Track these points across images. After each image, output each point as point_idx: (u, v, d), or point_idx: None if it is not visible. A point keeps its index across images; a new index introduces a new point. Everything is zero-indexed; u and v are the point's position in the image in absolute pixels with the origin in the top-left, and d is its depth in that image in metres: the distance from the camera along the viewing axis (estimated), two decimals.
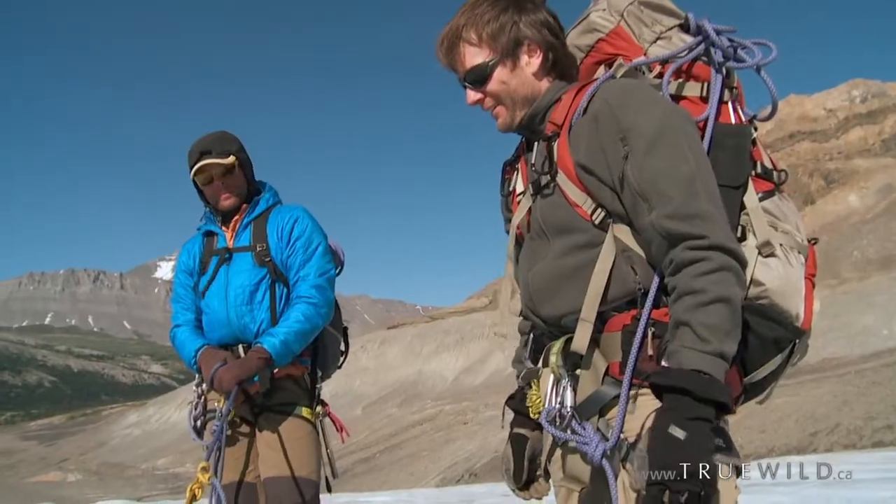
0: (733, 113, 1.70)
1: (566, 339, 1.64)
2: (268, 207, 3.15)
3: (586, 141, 1.59)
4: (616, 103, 1.56)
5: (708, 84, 1.70)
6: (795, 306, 1.58)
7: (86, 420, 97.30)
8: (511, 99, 1.73)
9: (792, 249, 1.63)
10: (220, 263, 3.09)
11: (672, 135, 1.52)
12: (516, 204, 1.84)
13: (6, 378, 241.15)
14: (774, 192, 1.69)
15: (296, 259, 3.05)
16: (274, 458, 2.95)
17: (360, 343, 60.88)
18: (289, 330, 2.92)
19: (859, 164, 51.93)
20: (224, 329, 3.03)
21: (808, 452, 9.76)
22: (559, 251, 1.65)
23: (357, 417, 41.55)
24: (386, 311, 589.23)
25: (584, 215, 1.59)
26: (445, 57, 1.78)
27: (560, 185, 1.65)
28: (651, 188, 1.49)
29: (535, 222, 1.73)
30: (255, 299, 3.01)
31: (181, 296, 3.21)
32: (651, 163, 1.49)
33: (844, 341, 19.76)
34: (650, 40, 1.77)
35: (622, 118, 1.54)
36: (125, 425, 78.42)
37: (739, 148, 1.65)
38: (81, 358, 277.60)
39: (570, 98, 1.68)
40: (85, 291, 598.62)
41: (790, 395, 13.65)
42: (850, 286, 28.40)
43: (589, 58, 1.84)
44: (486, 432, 21.73)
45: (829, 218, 41.48)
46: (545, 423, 1.60)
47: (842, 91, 60.28)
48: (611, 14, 1.79)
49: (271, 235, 3.07)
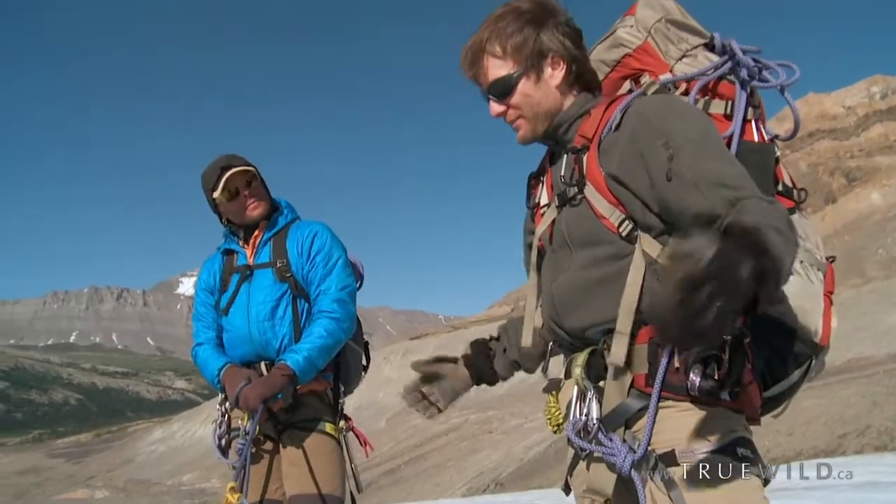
0: (756, 131, 1.72)
1: (590, 352, 1.64)
2: (287, 223, 3.17)
3: (620, 153, 1.59)
4: (654, 114, 1.57)
5: (732, 102, 1.71)
6: (814, 322, 1.61)
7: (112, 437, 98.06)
8: (534, 111, 1.74)
9: (812, 267, 1.65)
10: (241, 280, 3.10)
11: (716, 140, 1.54)
12: (539, 216, 1.84)
13: (33, 396, 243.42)
14: (795, 210, 1.71)
15: (316, 273, 3.06)
16: (299, 474, 2.95)
17: (383, 354, 60.95)
18: (312, 346, 2.92)
19: (881, 161, 51.27)
20: (246, 346, 3.04)
21: (838, 455, 9.62)
22: (584, 262, 1.65)
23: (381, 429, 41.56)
24: (408, 321, 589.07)
25: (611, 227, 1.60)
26: (469, 69, 1.80)
27: (588, 198, 1.65)
28: (710, 177, 1.45)
29: (558, 234, 1.74)
30: (276, 315, 3.02)
31: (202, 314, 3.22)
32: (703, 159, 1.48)
33: (871, 341, 19.48)
34: (676, 57, 1.79)
35: (663, 124, 1.54)
36: (150, 441, 78.82)
37: (763, 166, 1.67)
38: (106, 375, 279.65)
39: (600, 112, 1.69)
40: (108, 309, 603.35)
41: (817, 398, 13.48)
42: (876, 285, 28.03)
43: (615, 73, 1.87)
44: (511, 441, 21.67)
45: (851, 216, 40.98)
46: (571, 435, 1.61)
47: (861, 88, 59.58)
48: (638, 30, 1.82)
49: (291, 251, 3.08)
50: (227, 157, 3.08)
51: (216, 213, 3.16)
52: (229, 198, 3.06)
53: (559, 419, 1.79)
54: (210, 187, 3.05)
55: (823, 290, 1.68)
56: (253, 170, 3.07)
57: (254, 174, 3.07)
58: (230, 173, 3.01)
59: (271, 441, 3.06)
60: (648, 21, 1.82)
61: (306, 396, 3.03)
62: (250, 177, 3.07)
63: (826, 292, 1.69)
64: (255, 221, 3.12)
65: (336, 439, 3.06)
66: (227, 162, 3.05)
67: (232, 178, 3.01)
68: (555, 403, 1.80)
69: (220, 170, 3.03)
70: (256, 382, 2.89)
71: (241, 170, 3.03)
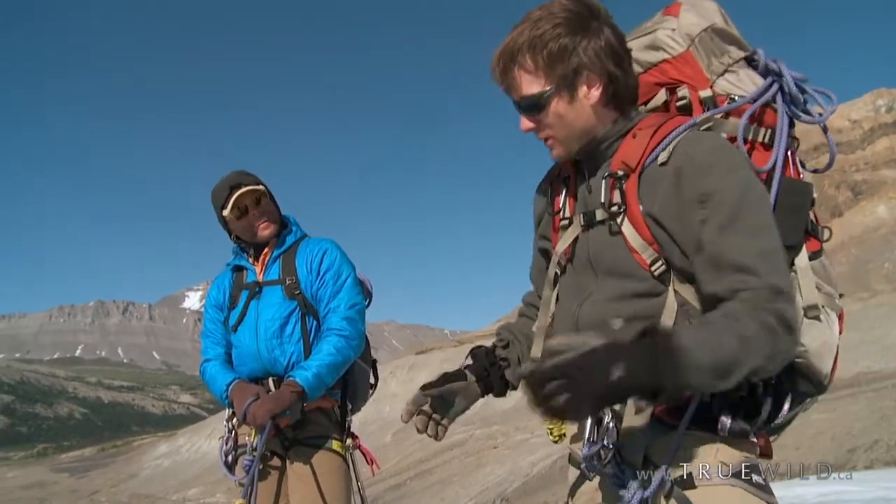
0: (793, 165, 1.64)
1: None
2: (296, 241, 3.18)
3: (662, 195, 1.52)
4: (700, 165, 1.48)
5: (772, 130, 1.62)
6: (826, 367, 1.58)
7: (116, 451, 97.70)
8: (566, 132, 1.63)
9: (832, 311, 1.61)
10: (250, 297, 3.10)
11: (756, 205, 1.46)
12: (559, 227, 1.76)
13: (38, 410, 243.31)
14: (822, 252, 1.65)
15: (325, 291, 3.06)
16: (305, 491, 2.95)
17: (389, 369, 60.74)
18: (321, 363, 2.92)
19: (887, 174, 51.11)
20: (254, 362, 3.04)
21: (847, 470, 9.54)
22: (613, 294, 1.59)
23: (387, 444, 41.33)
24: (414, 336, 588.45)
25: (643, 264, 1.54)
26: (500, 78, 1.66)
27: (622, 229, 1.57)
28: (727, 259, 1.42)
29: (581, 254, 1.67)
30: (285, 332, 3.01)
31: (211, 330, 3.22)
32: (732, 234, 1.43)
33: (878, 355, 19.34)
34: (718, 72, 1.69)
35: (704, 181, 1.47)
36: (155, 456, 78.53)
37: (801, 208, 1.60)
38: (112, 389, 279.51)
39: (646, 139, 1.58)
40: (114, 323, 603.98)
41: (825, 412, 13.38)
42: (883, 298, 27.84)
43: (649, 75, 1.75)
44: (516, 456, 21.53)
45: (857, 230, 40.80)
46: (585, 460, 1.57)
47: (866, 101, 59.46)
48: (681, 36, 1.70)
49: (300, 268, 3.08)
50: (237, 175, 3.08)
51: (226, 229, 3.16)
52: (238, 216, 3.07)
53: (562, 429, 1.76)
54: (220, 205, 3.06)
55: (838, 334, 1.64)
56: (262, 189, 3.07)
57: (263, 193, 3.07)
58: (239, 193, 3.01)
59: (278, 457, 3.06)
60: (694, 29, 1.69)
61: (314, 413, 3.03)
62: (259, 195, 3.07)
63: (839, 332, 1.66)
64: (265, 241, 3.12)
65: (343, 457, 3.06)
66: (237, 180, 3.05)
67: (241, 197, 3.02)
68: None
69: (230, 188, 3.03)
70: (265, 398, 2.89)
71: (250, 189, 3.03)
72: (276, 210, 3.16)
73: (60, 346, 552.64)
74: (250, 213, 3.06)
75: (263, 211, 3.08)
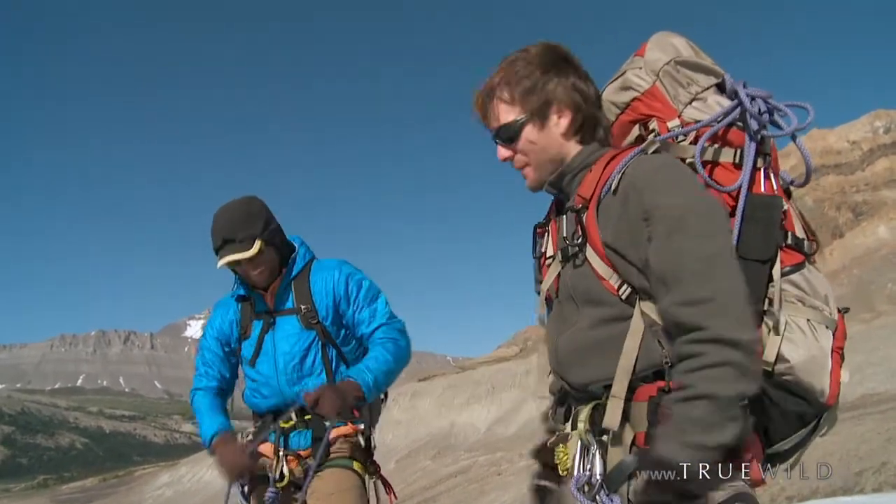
0: (765, 181, 1.68)
1: (593, 406, 1.64)
2: (305, 264, 3.01)
3: (614, 222, 1.60)
4: (642, 185, 1.57)
5: (741, 150, 1.68)
6: (820, 383, 1.59)
7: (118, 482, 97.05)
8: (538, 158, 1.75)
9: (820, 325, 1.63)
10: (264, 329, 2.95)
11: (695, 216, 1.51)
12: (545, 267, 1.85)
13: (39, 441, 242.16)
14: (804, 265, 1.67)
15: (362, 313, 2.93)
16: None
17: (392, 396, 60.36)
18: (380, 369, 2.80)
19: (887, 195, 51.28)
20: (276, 397, 2.93)
21: (856, 493, 9.44)
22: (587, 323, 1.66)
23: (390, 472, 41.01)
24: (416, 362, 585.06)
25: (611, 289, 1.60)
26: (480, 112, 1.81)
27: (588, 259, 1.66)
28: (668, 272, 1.49)
29: (564, 287, 1.74)
30: (305, 366, 2.89)
31: (209, 361, 3.09)
32: (670, 246, 1.50)
33: (884, 376, 19.24)
34: (685, 101, 1.77)
35: (647, 199, 1.54)
36: (157, 486, 77.98)
37: (770, 221, 1.64)
38: (113, 419, 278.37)
39: (599, 170, 1.68)
40: (116, 352, 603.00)
41: (831, 434, 13.29)
42: (887, 319, 27.78)
43: (625, 115, 1.86)
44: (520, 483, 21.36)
45: (859, 251, 40.83)
46: (574, 490, 1.61)
47: (864, 123, 59.84)
48: (647, 73, 1.80)
49: (317, 295, 2.93)
50: (234, 224, 2.83)
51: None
52: (232, 266, 2.89)
53: (567, 464, 1.78)
54: (213, 248, 2.87)
55: (833, 346, 1.65)
56: (252, 254, 2.80)
57: (254, 257, 2.82)
58: (227, 259, 2.80)
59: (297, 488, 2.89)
60: (657, 64, 1.79)
61: (337, 441, 2.90)
62: (250, 260, 2.83)
63: (835, 348, 1.66)
64: (263, 285, 2.94)
65: (363, 478, 2.92)
66: (230, 234, 2.81)
67: (231, 262, 2.82)
68: (564, 450, 1.78)
69: (223, 241, 2.82)
70: (328, 391, 2.69)
71: (237, 258, 2.80)
72: (274, 258, 2.92)
73: (62, 375, 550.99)
74: (244, 266, 2.85)
75: (257, 264, 2.85)
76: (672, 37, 1.85)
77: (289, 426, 2.92)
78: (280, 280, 2.95)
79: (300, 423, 2.92)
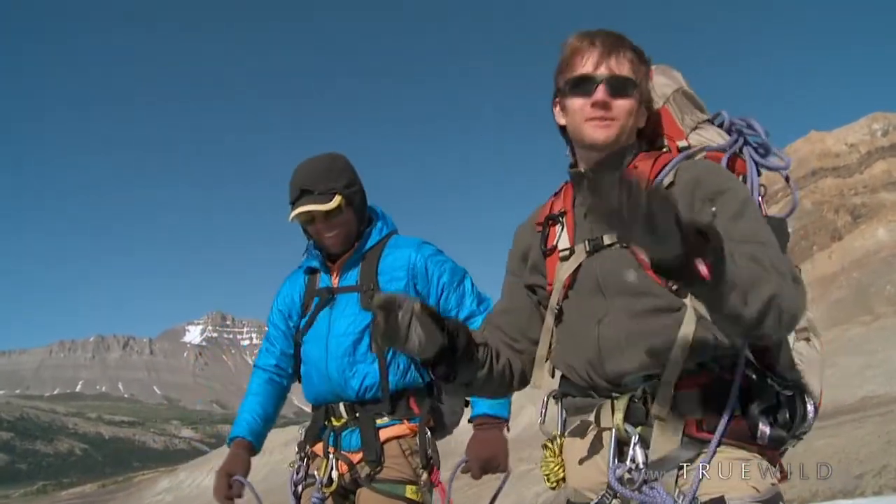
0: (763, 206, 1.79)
1: (629, 398, 1.63)
2: (381, 239, 2.80)
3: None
4: (705, 174, 1.66)
5: (743, 177, 1.78)
6: (815, 387, 1.66)
7: (117, 488, 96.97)
8: (625, 122, 1.73)
9: (816, 337, 1.71)
10: (320, 306, 2.75)
11: (756, 207, 1.63)
12: (555, 260, 1.81)
13: (38, 447, 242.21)
14: None
15: (449, 300, 2.74)
16: None
17: None
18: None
19: (885, 197, 51.44)
20: (324, 384, 2.70)
21: (856, 496, 9.43)
22: (634, 311, 1.64)
23: None
24: None
25: (660, 280, 1.59)
26: (603, 46, 1.73)
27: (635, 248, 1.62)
28: (750, 235, 1.52)
29: (587, 279, 1.72)
30: (358, 350, 2.64)
31: (272, 337, 2.92)
32: (745, 220, 1.56)
33: (883, 379, 19.25)
34: (690, 127, 1.86)
35: (712, 183, 1.64)
36: (156, 492, 77.91)
37: (783, 237, 1.72)
38: (112, 425, 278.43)
39: (648, 166, 1.73)
40: (115, 358, 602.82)
41: (830, 437, 13.26)
42: (886, 321, 27.81)
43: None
44: (520, 487, 21.24)
45: (858, 254, 40.88)
46: (614, 481, 1.56)
47: (862, 125, 60.02)
48: (656, 95, 1.88)
49: (385, 274, 2.71)
50: (316, 175, 2.67)
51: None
52: (304, 222, 2.73)
53: (559, 474, 1.76)
54: (289, 201, 2.70)
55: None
56: (331, 207, 2.62)
57: (332, 212, 2.64)
58: (302, 209, 2.63)
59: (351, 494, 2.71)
60: (667, 89, 1.89)
61: (389, 445, 2.64)
62: (326, 214, 2.65)
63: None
64: (336, 252, 2.74)
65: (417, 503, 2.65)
66: (309, 184, 2.65)
67: (305, 212, 2.65)
68: (553, 458, 1.76)
69: (300, 192, 2.66)
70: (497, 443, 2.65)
71: (313, 209, 2.62)
72: (352, 221, 2.72)
73: (60, 381, 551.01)
74: (317, 224, 2.67)
75: (333, 224, 2.67)
76: (672, 70, 1.96)
77: (340, 424, 2.70)
78: (351, 252, 2.74)
79: (351, 420, 2.69)
